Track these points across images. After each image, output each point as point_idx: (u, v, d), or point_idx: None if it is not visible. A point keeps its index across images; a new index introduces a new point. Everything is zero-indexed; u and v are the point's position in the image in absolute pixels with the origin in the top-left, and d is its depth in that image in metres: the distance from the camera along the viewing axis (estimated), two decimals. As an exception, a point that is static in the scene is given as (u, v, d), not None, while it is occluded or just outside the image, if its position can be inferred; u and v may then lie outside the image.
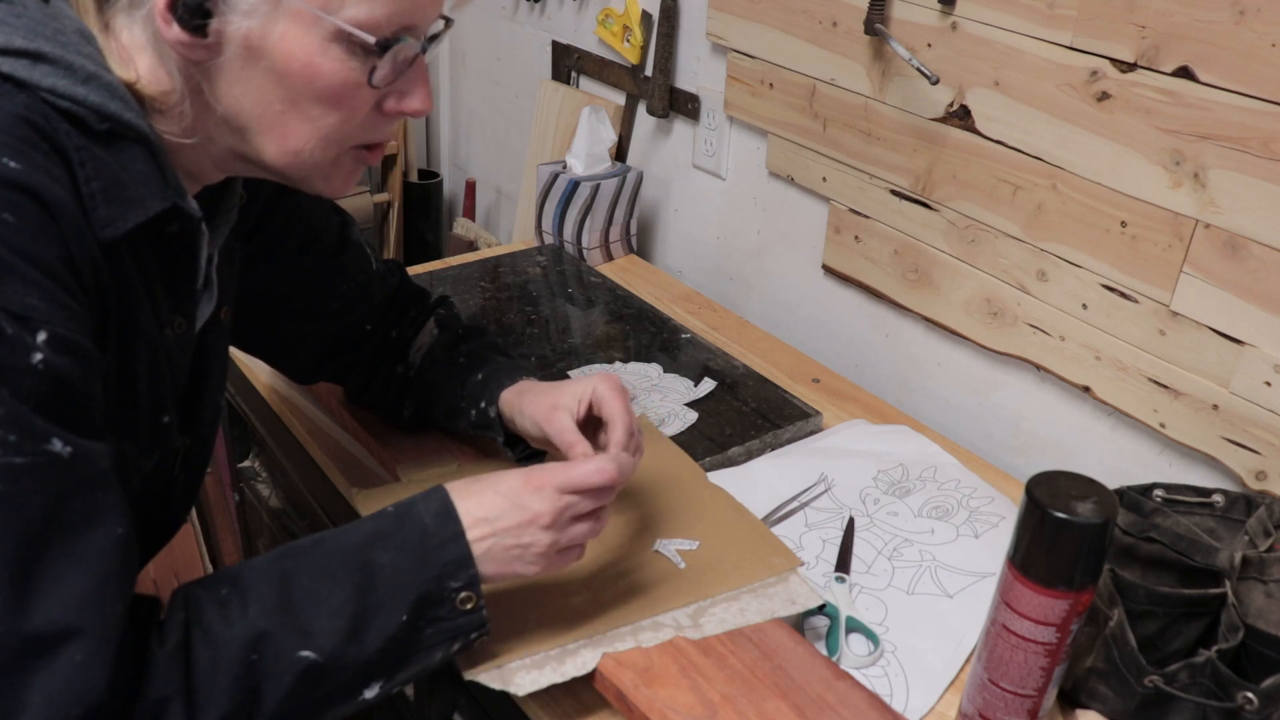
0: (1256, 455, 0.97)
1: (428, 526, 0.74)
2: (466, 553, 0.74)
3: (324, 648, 0.68)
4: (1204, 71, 0.93)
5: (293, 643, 0.67)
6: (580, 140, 1.55)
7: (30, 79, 0.61)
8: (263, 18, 0.65)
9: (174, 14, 0.64)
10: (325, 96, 0.69)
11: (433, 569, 0.72)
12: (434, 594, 0.72)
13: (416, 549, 0.73)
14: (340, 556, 0.72)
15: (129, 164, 0.65)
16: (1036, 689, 0.77)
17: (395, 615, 0.71)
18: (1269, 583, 0.82)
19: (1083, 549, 0.72)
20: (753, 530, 0.97)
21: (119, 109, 0.64)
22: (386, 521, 0.74)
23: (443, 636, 0.74)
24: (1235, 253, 0.95)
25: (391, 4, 0.67)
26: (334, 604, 0.69)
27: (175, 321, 0.75)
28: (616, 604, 0.87)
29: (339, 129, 0.71)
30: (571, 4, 1.72)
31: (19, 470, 0.57)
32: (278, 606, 0.68)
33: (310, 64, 0.67)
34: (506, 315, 1.36)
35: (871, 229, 1.29)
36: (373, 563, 0.71)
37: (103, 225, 0.64)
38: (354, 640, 0.69)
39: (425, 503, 0.75)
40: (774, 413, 1.18)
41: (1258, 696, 0.73)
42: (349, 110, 0.71)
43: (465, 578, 0.73)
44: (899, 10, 1.17)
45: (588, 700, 0.84)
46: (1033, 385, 1.18)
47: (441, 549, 0.73)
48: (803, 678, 0.82)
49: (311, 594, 0.69)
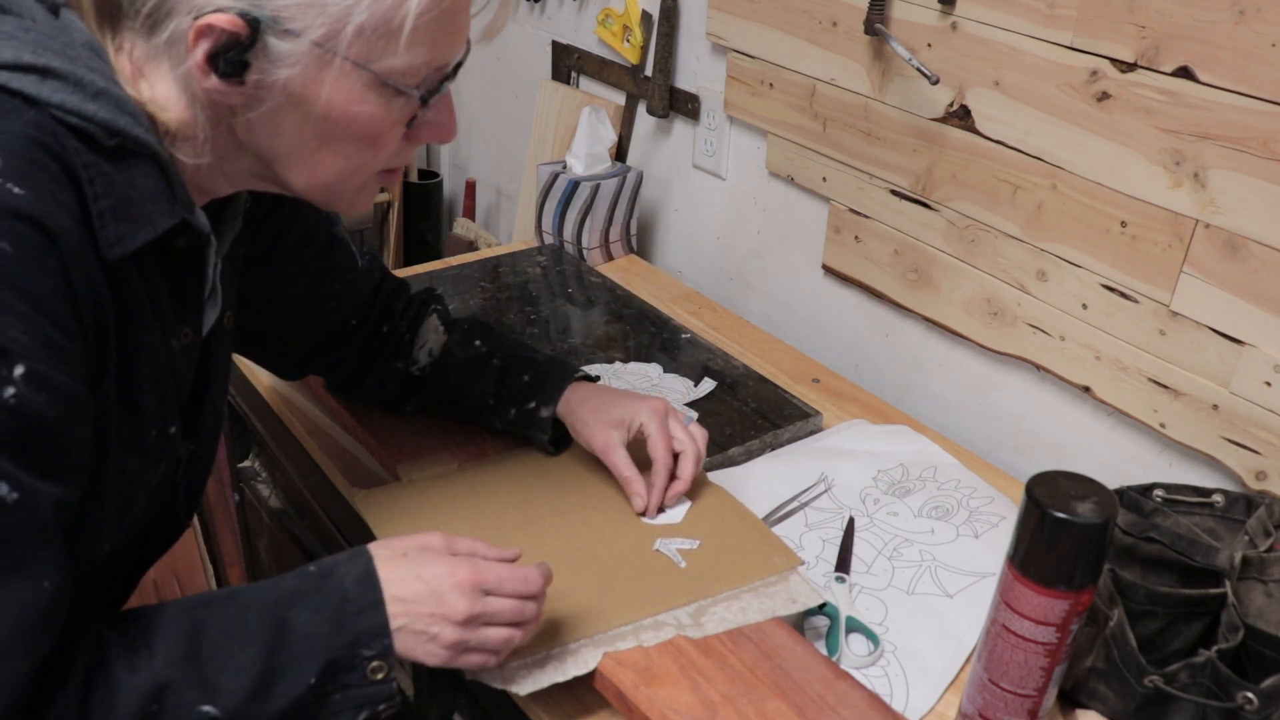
0: (1256, 455, 0.97)
1: (348, 591, 0.72)
2: (384, 622, 0.71)
3: (227, 705, 0.66)
4: (1204, 71, 0.93)
5: (195, 696, 0.65)
6: (580, 140, 1.55)
7: (39, 95, 0.61)
8: (303, 68, 0.66)
9: (213, 67, 0.64)
10: (362, 138, 0.70)
11: (348, 634, 0.70)
12: (346, 660, 0.70)
13: (334, 612, 0.70)
14: (255, 611, 0.70)
15: (138, 180, 0.65)
16: (1036, 689, 0.77)
17: (304, 677, 0.68)
18: (1269, 583, 0.82)
19: (1083, 549, 0.72)
20: (753, 530, 0.97)
21: (128, 125, 0.64)
22: (307, 581, 0.72)
23: (350, 704, 0.71)
24: (1235, 253, 0.95)
25: (429, 51, 0.68)
26: (242, 660, 0.67)
27: (182, 332, 0.75)
28: (617, 603, 0.87)
29: (371, 164, 0.73)
30: (571, 4, 1.72)
31: None
32: (185, 657, 0.66)
33: (349, 110, 0.68)
34: (506, 315, 1.36)
35: (871, 229, 1.30)
36: (288, 621, 0.69)
37: (111, 244, 0.63)
38: (258, 699, 0.67)
39: (348, 566, 0.73)
40: (774, 413, 1.18)
41: (1258, 696, 0.73)
42: (382, 147, 0.72)
43: (379, 647, 0.71)
44: (899, 10, 1.17)
45: (588, 700, 0.84)
46: (1033, 385, 1.18)
47: (360, 616, 0.71)
48: (803, 678, 0.82)
49: (221, 648, 0.67)
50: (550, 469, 1.03)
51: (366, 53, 0.66)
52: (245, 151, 0.71)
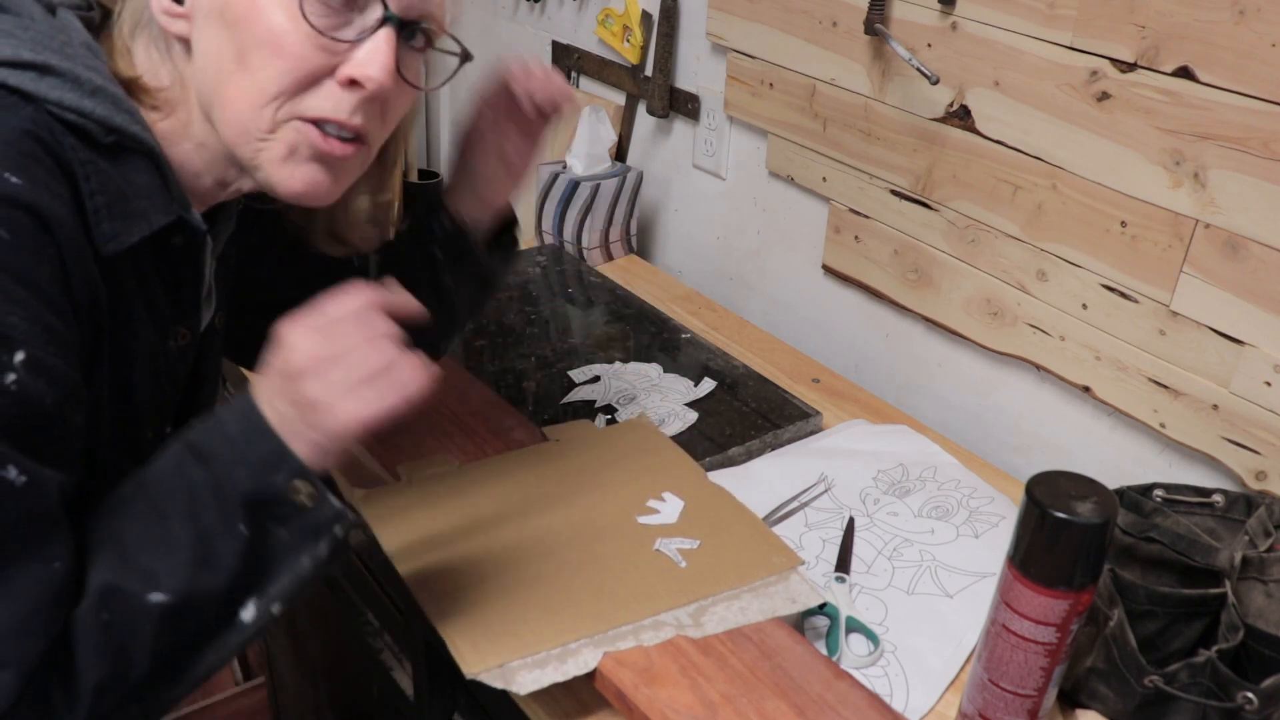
0: (1256, 455, 0.97)
1: (229, 429, 0.67)
2: (278, 444, 0.66)
3: (173, 585, 0.64)
4: (1204, 71, 0.93)
5: (139, 587, 0.63)
6: (580, 140, 1.55)
7: (37, 91, 0.61)
8: None
9: None
10: (267, 43, 0.66)
11: (248, 469, 0.66)
12: (262, 495, 0.66)
13: (225, 456, 0.66)
14: (159, 488, 0.67)
15: (134, 176, 0.65)
16: (1036, 689, 0.77)
17: (234, 530, 0.65)
18: (1269, 583, 0.82)
19: (1083, 549, 0.72)
20: (753, 530, 0.97)
21: (124, 121, 0.64)
22: (194, 435, 0.68)
23: (301, 538, 0.67)
24: (1235, 253, 0.95)
25: None
26: (169, 539, 0.65)
27: (180, 333, 0.75)
28: (617, 603, 0.87)
29: (278, 80, 0.67)
30: (571, 4, 1.72)
31: None
32: (114, 557, 0.64)
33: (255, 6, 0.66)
34: (506, 315, 1.36)
35: (871, 229, 1.30)
36: (191, 484, 0.66)
37: (106, 240, 0.63)
38: (203, 568, 0.65)
39: (227, 408, 0.68)
40: (774, 413, 1.18)
41: (1258, 696, 0.73)
42: (294, 61, 0.67)
43: (287, 468, 0.66)
44: (899, 10, 1.17)
45: (588, 700, 0.84)
46: (1033, 385, 1.18)
47: (251, 446, 0.66)
48: (803, 678, 0.82)
49: (144, 534, 0.65)
50: (550, 469, 1.03)
51: None
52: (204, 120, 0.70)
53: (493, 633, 0.83)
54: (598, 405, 1.17)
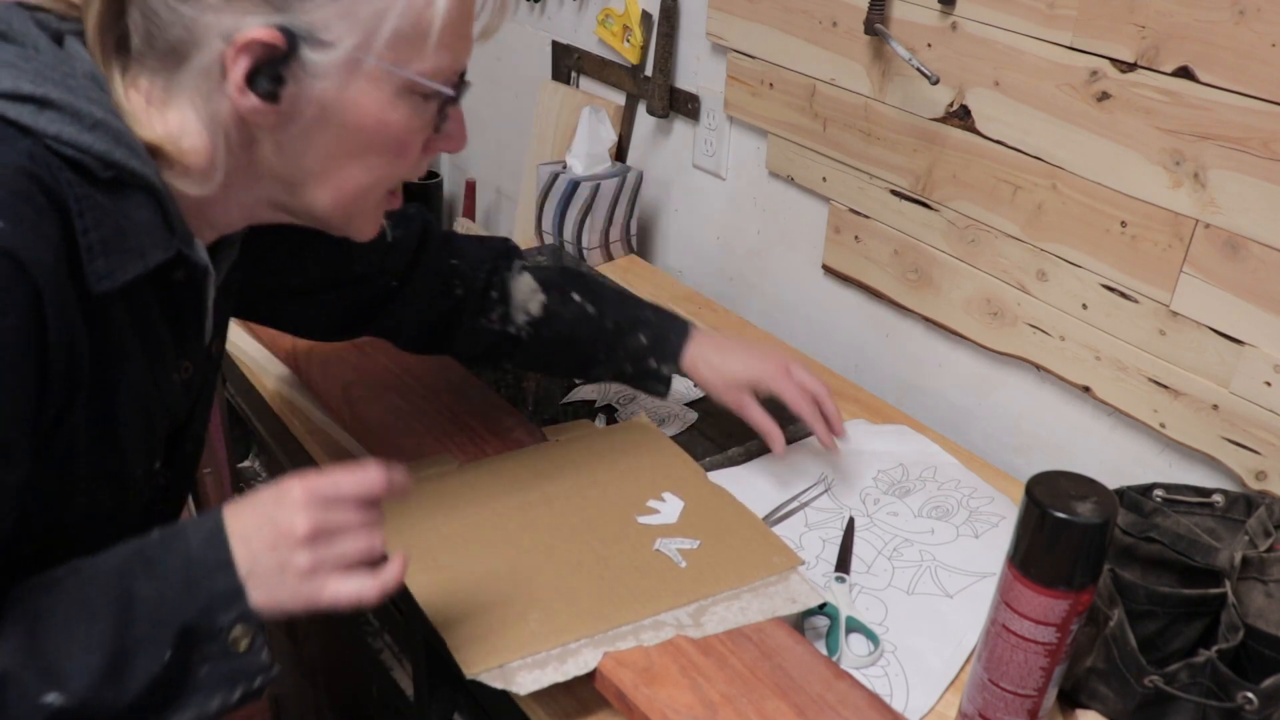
0: (1256, 455, 0.97)
1: (193, 552, 0.65)
2: (236, 584, 0.65)
3: (75, 690, 0.61)
4: (1204, 71, 0.93)
5: (38, 685, 0.60)
6: (580, 140, 1.55)
7: (35, 125, 0.60)
8: (337, 79, 0.66)
9: (252, 86, 0.64)
10: (390, 147, 0.70)
11: (199, 599, 0.64)
12: (202, 628, 0.64)
13: (181, 577, 0.64)
14: (97, 585, 0.64)
15: (133, 212, 0.64)
16: (1036, 689, 0.77)
17: (159, 651, 0.63)
18: (1269, 583, 0.82)
19: (1083, 549, 0.72)
20: (753, 530, 0.97)
21: (124, 156, 0.63)
22: (150, 546, 0.66)
23: (219, 680, 0.65)
24: (1235, 253, 0.95)
25: (450, 53, 0.69)
26: (87, 640, 0.62)
27: (183, 366, 0.74)
28: (618, 603, 0.87)
29: (392, 176, 0.73)
30: (571, 4, 1.72)
31: None
32: (24, 644, 0.61)
33: (382, 118, 0.68)
34: (506, 315, 1.36)
35: (871, 229, 1.30)
36: (132, 592, 0.63)
37: (99, 278, 0.62)
38: (111, 681, 0.62)
39: (195, 526, 0.67)
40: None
41: (1258, 696, 0.73)
42: (407, 156, 0.72)
43: (237, 610, 0.65)
44: (899, 10, 1.17)
45: (588, 700, 0.84)
46: (1033, 385, 1.18)
47: (209, 578, 0.65)
48: (803, 678, 0.82)
49: (63, 629, 0.62)
50: (550, 469, 1.03)
51: (398, 57, 0.67)
52: (264, 178, 0.70)
53: (493, 633, 0.83)
54: (598, 405, 1.17)
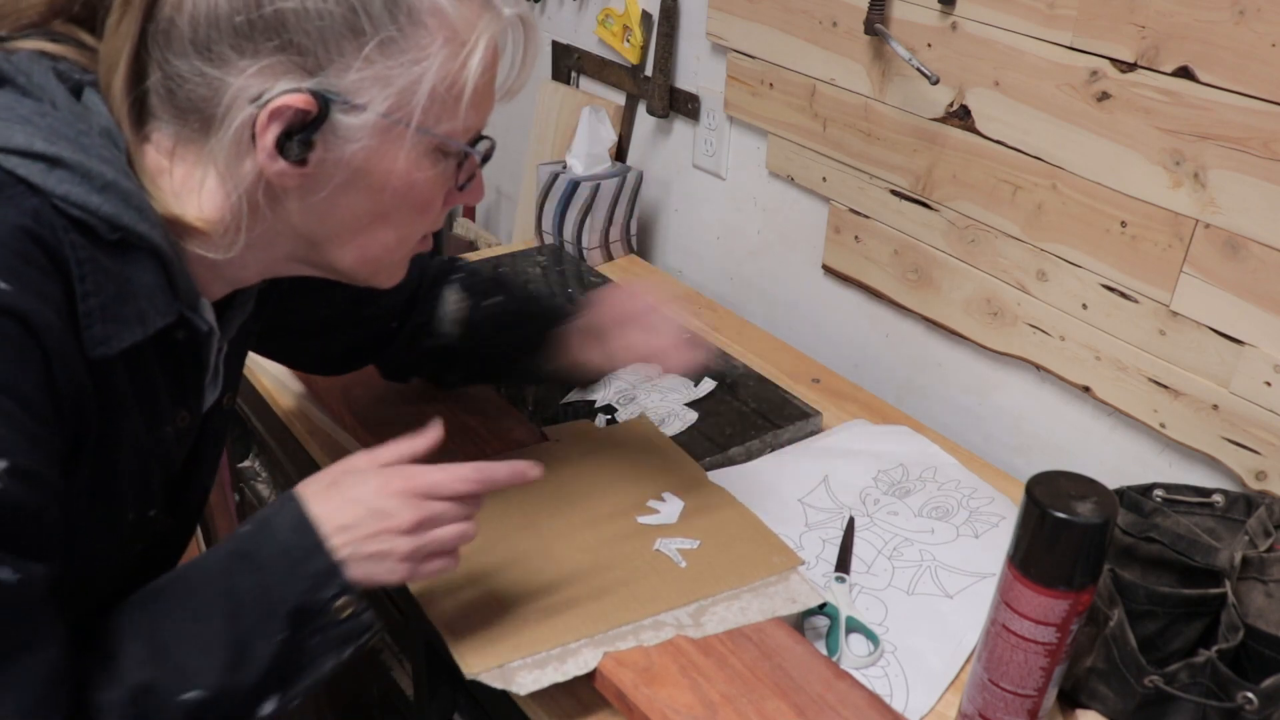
0: (1256, 455, 0.97)
1: (285, 542, 0.70)
2: (330, 562, 0.70)
3: (208, 684, 0.66)
4: (1204, 71, 0.93)
5: (175, 687, 0.65)
6: (580, 140, 1.55)
7: (44, 184, 0.60)
8: (368, 142, 0.66)
9: (281, 151, 0.64)
10: (418, 205, 0.72)
11: (300, 584, 0.69)
12: (308, 608, 0.69)
13: (278, 568, 0.70)
14: (202, 590, 0.69)
15: (136, 275, 0.64)
16: (1036, 689, 0.77)
17: (273, 636, 0.68)
18: (1269, 583, 0.82)
19: (1083, 549, 0.72)
20: (753, 529, 0.97)
21: (132, 220, 0.63)
22: (244, 542, 0.71)
23: (331, 644, 0.71)
24: (1235, 253, 0.95)
25: (477, 113, 0.70)
26: (206, 640, 0.67)
27: (179, 416, 0.74)
28: (618, 603, 0.87)
29: (417, 232, 0.75)
30: (571, 4, 1.72)
31: None
32: (150, 655, 0.66)
33: (410, 178, 0.69)
34: (506, 315, 1.36)
35: (871, 229, 1.30)
36: (236, 589, 0.69)
37: (95, 344, 0.62)
38: (237, 670, 0.67)
39: (279, 516, 0.72)
40: (774, 413, 1.17)
41: (1258, 696, 0.73)
42: (432, 212, 0.74)
43: (336, 586, 0.70)
44: (899, 10, 1.17)
45: (588, 700, 0.84)
46: (1033, 385, 1.18)
47: (305, 562, 0.70)
48: (803, 678, 0.82)
49: (182, 635, 0.67)
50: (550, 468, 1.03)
51: (429, 120, 0.67)
52: (286, 237, 0.71)
53: (492, 633, 0.83)
54: (598, 405, 1.17)
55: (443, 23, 0.65)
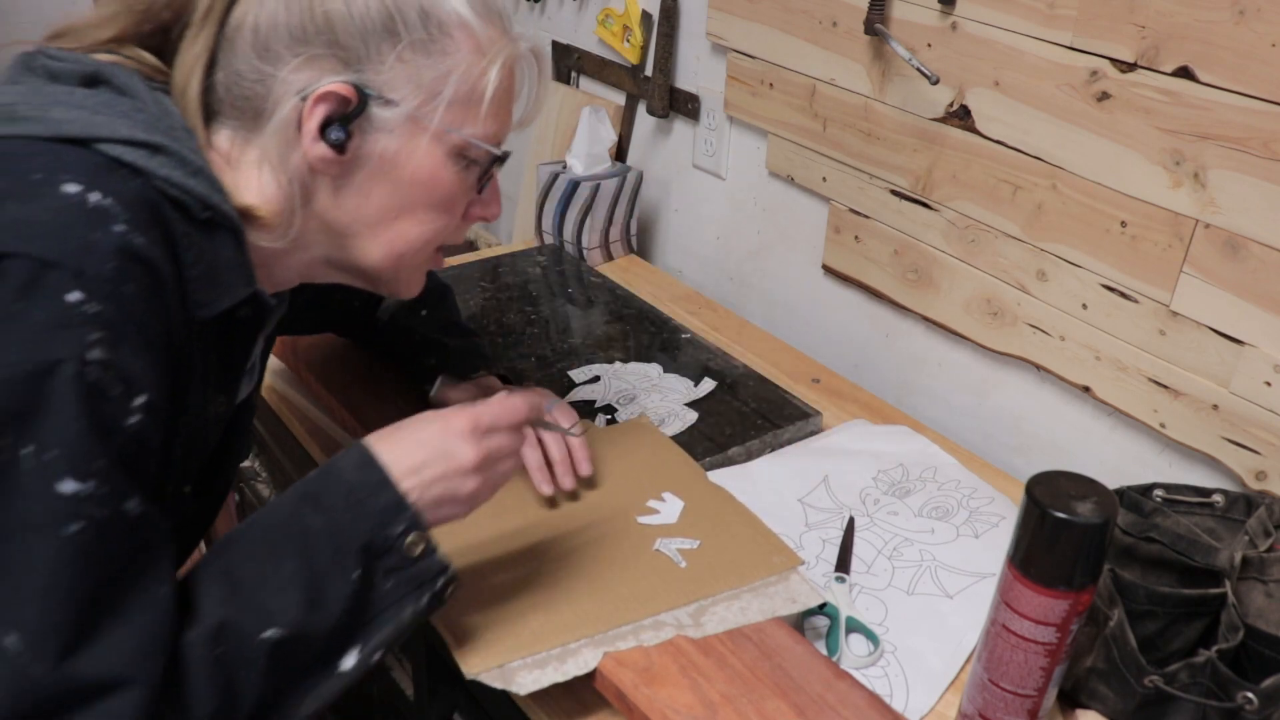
0: (1256, 455, 0.97)
1: (351, 480, 0.73)
2: (397, 496, 0.72)
3: (286, 622, 0.67)
4: (1204, 71, 0.93)
5: (254, 625, 0.67)
6: (580, 140, 1.55)
7: (148, 167, 0.67)
8: (398, 136, 0.74)
9: (324, 136, 0.72)
10: (440, 203, 0.78)
11: (368, 519, 0.71)
12: (378, 544, 0.71)
13: (346, 504, 0.71)
14: (274, 531, 0.71)
15: (221, 251, 0.71)
16: (1036, 689, 0.77)
17: (347, 573, 0.70)
18: (1269, 583, 0.82)
19: (1083, 549, 0.72)
20: (753, 529, 0.97)
21: (219, 200, 0.70)
22: (310, 484, 0.73)
23: (406, 587, 0.73)
24: (1235, 253, 0.95)
25: (495, 124, 0.78)
26: (282, 578, 0.68)
27: (219, 400, 0.78)
28: (618, 603, 0.87)
29: (441, 233, 0.80)
30: (571, 4, 1.72)
31: (99, 524, 0.60)
32: (228, 595, 0.67)
33: (435, 174, 0.77)
34: (506, 315, 1.36)
35: (871, 229, 1.30)
36: (307, 529, 0.70)
37: (199, 306, 0.69)
38: (314, 608, 0.68)
39: (344, 459, 0.74)
40: (774, 413, 1.18)
41: (1258, 696, 0.73)
42: (453, 216, 0.80)
43: (405, 520, 0.72)
44: (899, 10, 1.17)
45: (588, 700, 0.84)
46: (1033, 385, 1.18)
47: (371, 498, 0.72)
48: (803, 678, 0.82)
49: (258, 575, 0.69)
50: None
51: (453, 120, 0.75)
52: (323, 234, 0.78)
53: (493, 633, 0.83)
54: (598, 405, 1.17)
55: (468, 35, 0.74)
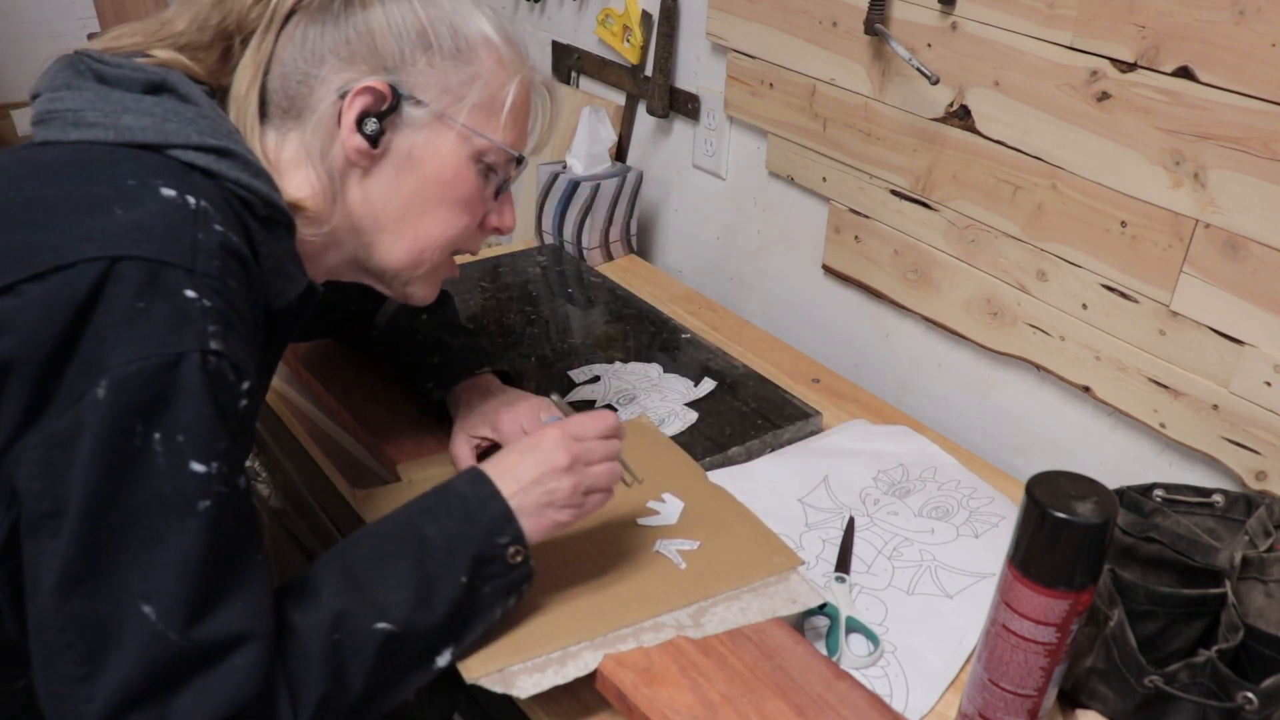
0: (1256, 455, 0.97)
1: (465, 494, 0.80)
2: (506, 508, 0.79)
3: (397, 618, 0.73)
4: (1204, 71, 0.93)
5: (368, 617, 0.72)
6: (580, 140, 1.55)
7: (218, 170, 0.72)
8: (425, 134, 0.81)
9: (361, 128, 0.79)
10: (460, 202, 0.84)
11: (480, 528, 0.78)
12: (487, 553, 0.78)
13: (460, 516, 0.79)
14: (393, 537, 0.78)
15: (280, 246, 0.76)
16: (1036, 689, 0.77)
17: (456, 578, 0.76)
18: (1269, 583, 0.82)
19: (1083, 549, 0.72)
20: (753, 530, 0.97)
21: (278, 198, 0.76)
22: (428, 499, 0.80)
23: (500, 593, 0.79)
24: (1235, 253, 0.95)
25: (512, 134, 0.85)
26: (396, 579, 0.75)
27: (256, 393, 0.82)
28: (618, 605, 0.87)
29: (460, 234, 0.86)
30: (571, 4, 1.72)
31: (223, 501, 0.65)
32: (346, 588, 0.73)
33: (457, 174, 0.83)
34: (506, 315, 1.36)
35: (871, 229, 1.30)
36: (424, 536, 0.77)
37: (275, 296, 0.75)
38: (423, 607, 0.75)
39: (459, 477, 0.82)
40: (774, 413, 1.18)
41: (1258, 696, 0.73)
42: (472, 218, 0.86)
43: (511, 532, 0.79)
44: (899, 10, 1.17)
45: (588, 700, 0.84)
46: (1033, 385, 1.18)
47: (483, 509, 0.79)
48: (803, 678, 0.82)
49: (375, 574, 0.75)
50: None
51: (475, 123, 0.82)
52: (352, 232, 0.83)
53: (493, 636, 0.83)
54: (598, 405, 1.17)
55: (491, 51, 0.83)
